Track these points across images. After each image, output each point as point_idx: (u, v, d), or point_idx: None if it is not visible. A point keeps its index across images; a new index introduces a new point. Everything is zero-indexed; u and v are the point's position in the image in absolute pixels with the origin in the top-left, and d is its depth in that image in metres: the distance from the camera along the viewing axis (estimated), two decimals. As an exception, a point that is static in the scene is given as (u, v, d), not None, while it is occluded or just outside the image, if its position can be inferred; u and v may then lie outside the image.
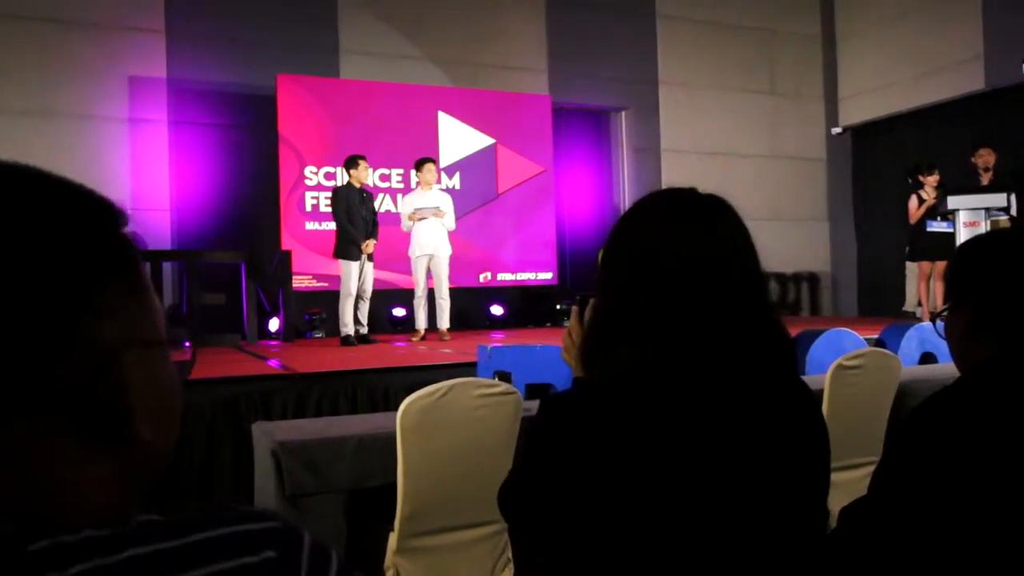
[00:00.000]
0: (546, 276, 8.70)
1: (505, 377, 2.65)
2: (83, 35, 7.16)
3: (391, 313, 7.69)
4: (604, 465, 0.87)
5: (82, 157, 7.07)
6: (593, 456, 0.88)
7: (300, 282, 7.36)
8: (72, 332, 0.44)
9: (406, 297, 7.09)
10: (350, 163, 6.29)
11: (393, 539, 2.21)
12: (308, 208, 7.71)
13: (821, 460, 1.00)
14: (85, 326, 0.45)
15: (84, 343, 0.45)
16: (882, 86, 9.73)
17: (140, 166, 7.39)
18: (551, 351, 3.69)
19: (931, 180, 7.24)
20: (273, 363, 4.74)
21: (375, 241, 6.26)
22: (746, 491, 0.89)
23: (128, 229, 0.50)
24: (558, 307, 8.56)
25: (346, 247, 6.15)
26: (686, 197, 1.03)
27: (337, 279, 6.77)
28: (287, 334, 6.72)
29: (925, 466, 1.08)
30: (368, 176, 6.74)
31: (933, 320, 1.36)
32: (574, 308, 1.13)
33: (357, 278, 6.16)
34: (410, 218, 6.38)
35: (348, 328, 6.14)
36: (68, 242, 0.45)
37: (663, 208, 1.03)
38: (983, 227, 6.16)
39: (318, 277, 7.57)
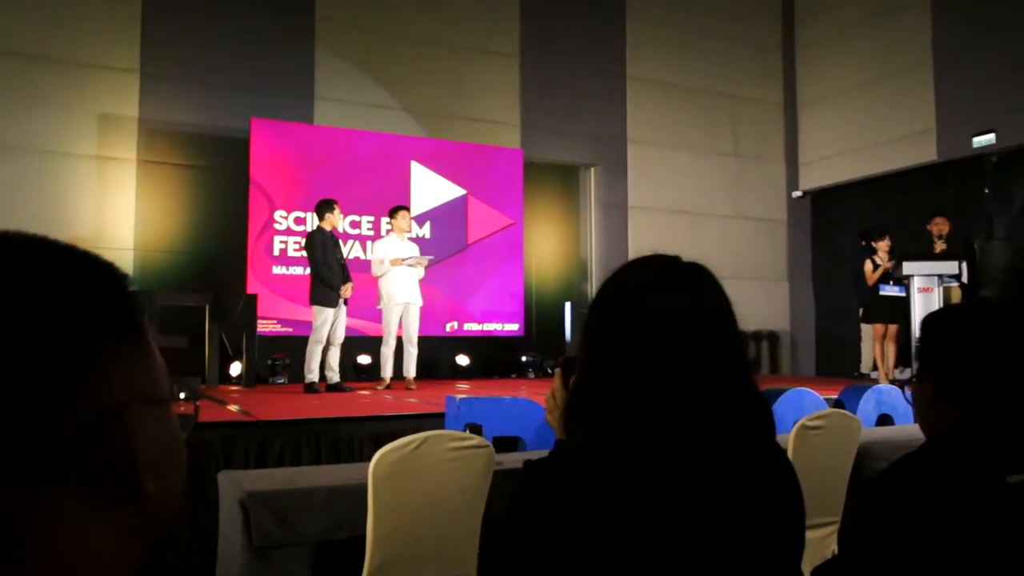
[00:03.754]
0: (512, 328, 8.73)
1: (477, 430, 2.66)
2: (55, 71, 7.13)
3: (355, 360, 7.63)
4: (588, 528, 0.89)
5: (48, 192, 6.99)
6: (577, 519, 0.89)
7: (264, 326, 7.28)
8: (77, 386, 0.45)
9: (371, 345, 7.05)
10: (326, 207, 6.27)
11: (359, 593, 2.18)
12: (276, 252, 7.67)
13: (796, 522, 1.03)
14: (90, 381, 0.46)
15: (89, 397, 0.45)
16: (840, 153, 10.11)
17: (106, 204, 7.31)
18: (520, 404, 3.71)
19: (883, 245, 7.52)
20: (234, 409, 4.66)
21: (352, 284, 6.23)
22: (726, 555, 0.92)
23: (132, 291, 0.52)
24: (524, 359, 8.57)
25: (324, 293, 6.07)
26: (671, 265, 1.06)
27: (302, 324, 6.72)
28: (249, 379, 6.62)
29: (892, 529, 1.13)
30: (340, 221, 6.76)
31: (902, 387, 1.42)
32: (558, 371, 1.16)
33: (330, 326, 6.10)
34: (393, 263, 6.37)
35: (313, 375, 6.06)
36: (74, 301, 0.47)
37: (647, 274, 1.06)
38: (936, 293, 6.39)
39: (283, 322, 7.49)
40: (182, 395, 0.61)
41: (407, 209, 6.70)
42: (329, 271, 6.07)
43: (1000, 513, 1.09)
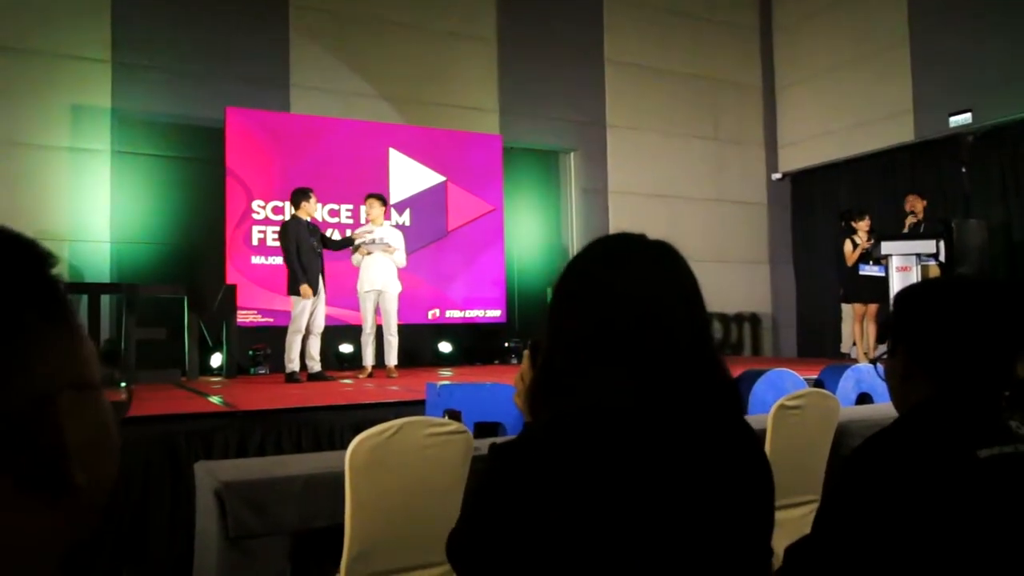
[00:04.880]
0: (495, 314, 8.71)
1: (455, 416, 2.65)
2: (25, 62, 7.00)
3: (338, 349, 7.60)
4: (552, 511, 0.87)
5: (22, 185, 6.87)
6: (541, 503, 0.88)
7: (244, 317, 7.22)
8: (2, 376, 0.43)
9: (353, 333, 7.01)
10: (301, 195, 6.21)
11: (339, 582, 2.16)
12: (255, 242, 7.60)
13: (765, 500, 1.02)
14: (16, 370, 0.44)
15: (16, 387, 0.43)
16: (818, 135, 10.14)
17: (81, 196, 7.20)
18: (501, 389, 3.70)
19: (862, 225, 7.55)
20: (214, 400, 4.62)
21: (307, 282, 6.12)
22: (693, 534, 0.91)
23: (57, 271, 0.49)
24: (506, 345, 8.57)
25: (300, 284, 6.05)
26: (634, 243, 1.05)
27: (283, 314, 6.67)
28: (229, 370, 6.57)
29: (865, 505, 1.13)
30: (316, 210, 6.70)
31: (874, 363, 1.41)
32: (526, 352, 1.14)
33: (308, 315, 6.06)
34: (358, 251, 6.35)
35: (294, 364, 6.03)
36: None
37: (611, 254, 1.04)
38: (914, 271, 6.44)
39: (263, 312, 7.44)
40: (123, 384, 0.58)
41: (376, 197, 6.62)
42: (300, 262, 6.01)
43: (971, 487, 1.09)
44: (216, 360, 6.86)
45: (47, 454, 0.44)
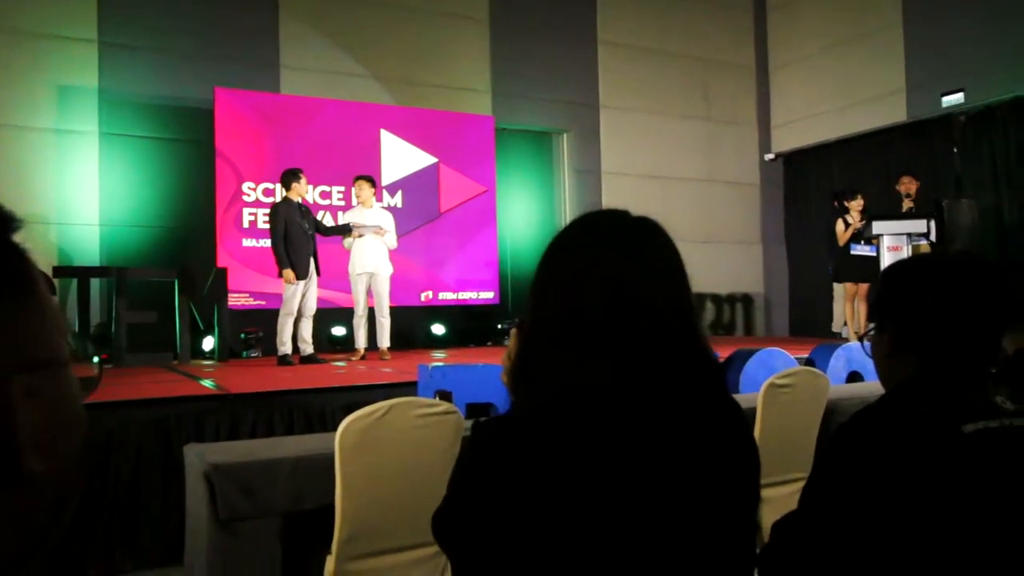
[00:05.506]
0: (488, 296, 8.71)
1: (446, 396, 2.65)
2: (10, 43, 6.91)
3: (330, 332, 7.58)
4: (536, 489, 0.87)
5: (7, 168, 6.80)
6: (523, 482, 0.88)
7: (236, 300, 7.19)
8: None
9: (345, 316, 7.00)
10: (291, 176, 6.16)
11: (331, 563, 2.17)
12: (246, 224, 7.56)
13: (750, 476, 1.02)
14: None
15: None
16: (811, 115, 10.11)
17: (68, 178, 7.14)
18: (492, 370, 3.70)
19: (855, 205, 7.55)
20: (206, 383, 4.61)
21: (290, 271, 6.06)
22: (677, 510, 0.91)
23: (19, 236, 0.45)
24: (499, 327, 8.57)
25: (283, 268, 6.01)
26: (614, 220, 1.03)
27: (275, 297, 6.65)
28: (221, 353, 6.56)
29: (850, 481, 1.13)
30: (308, 191, 6.66)
31: (861, 340, 1.41)
32: (514, 331, 1.13)
33: (300, 297, 6.04)
34: (349, 234, 6.33)
35: (286, 347, 6.01)
36: None
37: (590, 231, 1.03)
38: (905, 251, 6.45)
39: (255, 295, 7.41)
40: (95, 360, 0.56)
41: (366, 179, 6.58)
42: (293, 244, 5.96)
43: (956, 462, 1.09)
44: (208, 343, 6.84)
45: None
